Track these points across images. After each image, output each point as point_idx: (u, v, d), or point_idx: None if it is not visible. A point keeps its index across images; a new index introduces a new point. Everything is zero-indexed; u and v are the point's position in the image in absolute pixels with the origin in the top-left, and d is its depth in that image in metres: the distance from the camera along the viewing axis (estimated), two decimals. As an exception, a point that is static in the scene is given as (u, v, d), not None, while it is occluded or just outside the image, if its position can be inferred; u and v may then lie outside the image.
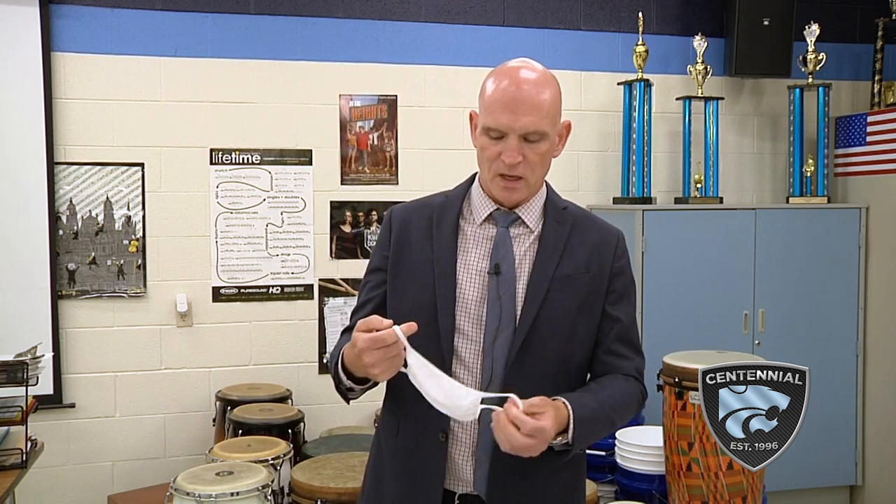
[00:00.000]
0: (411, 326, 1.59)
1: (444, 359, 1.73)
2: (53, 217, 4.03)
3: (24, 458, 2.85)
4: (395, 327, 1.58)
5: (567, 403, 1.66)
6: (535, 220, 1.82)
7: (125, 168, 4.14)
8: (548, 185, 1.87)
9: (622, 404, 1.79)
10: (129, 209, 4.15)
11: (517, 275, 1.76)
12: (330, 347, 4.36)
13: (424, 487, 1.77)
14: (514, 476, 1.75)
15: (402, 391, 1.81)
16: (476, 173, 1.87)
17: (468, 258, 1.79)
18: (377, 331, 1.58)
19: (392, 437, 1.85)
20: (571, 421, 1.64)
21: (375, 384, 1.76)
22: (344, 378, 1.73)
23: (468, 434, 1.76)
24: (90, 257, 4.11)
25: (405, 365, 1.62)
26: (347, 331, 1.87)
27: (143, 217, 4.17)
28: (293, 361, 4.36)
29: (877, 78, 4.76)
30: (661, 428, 3.54)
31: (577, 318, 1.73)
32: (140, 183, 4.16)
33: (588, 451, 3.77)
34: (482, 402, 1.61)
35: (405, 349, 1.60)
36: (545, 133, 1.71)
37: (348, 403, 1.82)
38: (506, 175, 1.73)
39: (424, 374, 1.63)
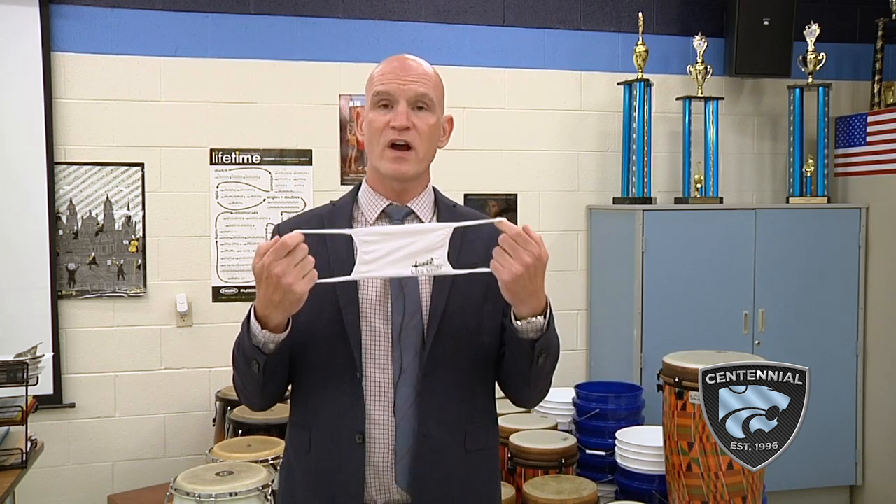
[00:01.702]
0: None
1: (353, 356, 1.73)
2: (53, 217, 4.03)
3: (24, 458, 2.85)
4: (297, 231, 1.57)
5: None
6: (428, 215, 1.84)
7: (125, 168, 4.14)
8: (434, 188, 1.89)
9: (557, 352, 1.80)
10: (129, 209, 4.15)
11: None
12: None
13: (344, 498, 1.74)
14: (435, 466, 1.75)
15: (310, 395, 1.80)
16: (360, 182, 1.88)
17: None
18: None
19: (304, 453, 1.80)
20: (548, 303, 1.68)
21: (290, 328, 1.67)
22: (258, 331, 1.64)
23: (384, 432, 1.74)
24: (90, 257, 4.11)
25: (351, 271, 1.60)
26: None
27: (143, 217, 4.17)
28: (293, 361, 4.35)
29: (877, 78, 4.75)
30: (661, 428, 3.54)
31: (483, 306, 1.74)
32: (140, 183, 4.16)
33: (588, 451, 3.80)
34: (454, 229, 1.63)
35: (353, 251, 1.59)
36: (433, 102, 1.76)
37: (264, 377, 1.69)
38: (396, 144, 1.75)
39: (379, 251, 1.60)
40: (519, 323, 1.66)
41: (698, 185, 4.56)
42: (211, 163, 4.24)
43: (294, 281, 1.56)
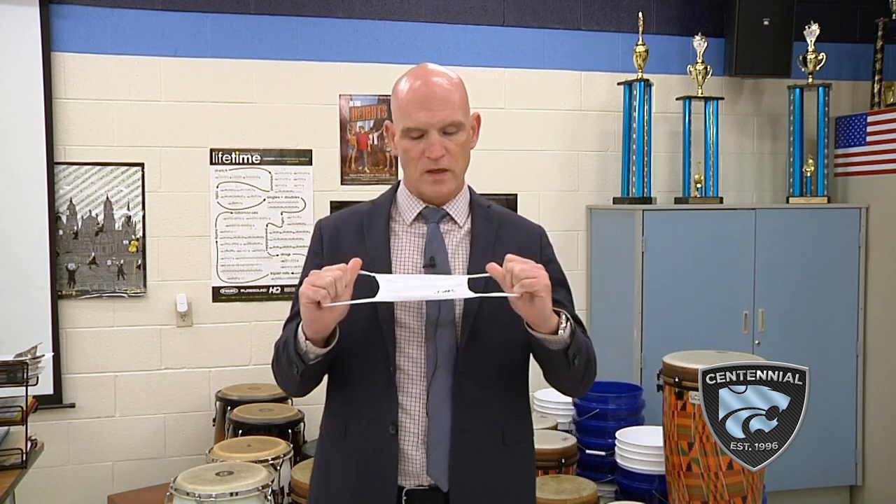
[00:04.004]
0: (357, 261, 1.68)
1: (387, 352, 1.79)
2: (53, 217, 4.03)
3: (24, 458, 2.85)
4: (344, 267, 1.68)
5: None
6: (463, 217, 1.90)
7: (125, 168, 4.14)
8: (469, 187, 1.95)
9: (591, 347, 1.85)
10: (129, 209, 4.15)
11: (451, 268, 1.84)
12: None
13: (378, 484, 1.80)
14: (473, 460, 1.80)
15: (347, 386, 1.85)
16: (398, 182, 1.94)
17: (402, 255, 1.86)
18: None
19: (339, 440, 1.86)
20: (564, 313, 1.73)
21: (334, 343, 1.74)
22: (303, 341, 1.72)
23: (416, 424, 1.80)
24: (90, 257, 4.11)
25: (374, 294, 1.69)
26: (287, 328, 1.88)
27: (143, 217, 4.17)
28: (293, 361, 4.35)
29: (877, 78, 4.76)
30: (661, 428, 3.54)
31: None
32: (140, 183, 4.16)
33: (588, 451, 3.80)
34: (469, 280, 1.71)
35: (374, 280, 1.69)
36: (461, 123, 1.81)
37: (301, 378, 1.78)
38: (433, 170, 1.81)
39: (398, 286, 1.70)
40: (547, 337, 1.71)
41: (698, 185, 4.56)
42: (211, 163, 4.24)
43: (328, 285, 1.63)
